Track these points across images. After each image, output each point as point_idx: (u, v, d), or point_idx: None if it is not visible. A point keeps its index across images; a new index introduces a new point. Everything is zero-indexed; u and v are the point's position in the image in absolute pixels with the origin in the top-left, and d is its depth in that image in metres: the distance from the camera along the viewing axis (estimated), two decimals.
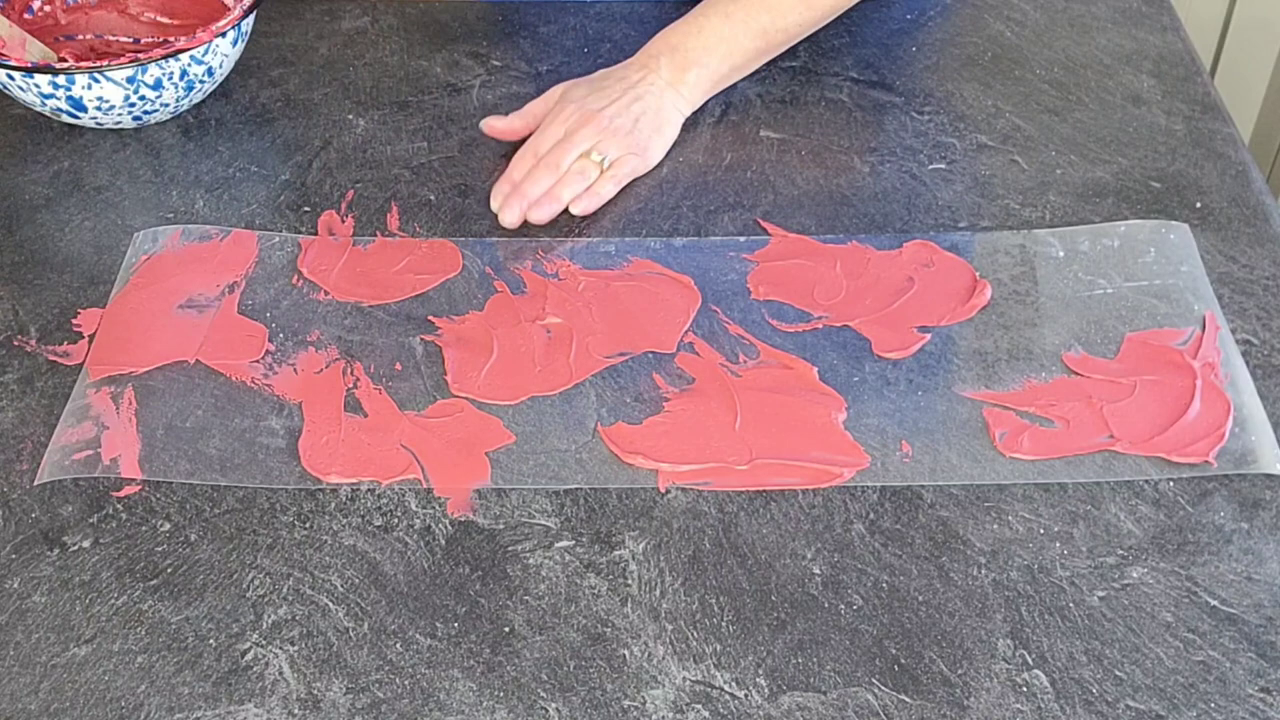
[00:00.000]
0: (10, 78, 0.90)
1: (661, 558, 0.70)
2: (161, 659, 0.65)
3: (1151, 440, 0.74)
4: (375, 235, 0.89)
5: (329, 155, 0.96)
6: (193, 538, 0.71)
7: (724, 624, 0.67)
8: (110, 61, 0.90)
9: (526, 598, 0.68)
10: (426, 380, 0.79)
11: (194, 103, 0.98)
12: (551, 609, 0.67)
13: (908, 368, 0.79)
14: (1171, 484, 0.72)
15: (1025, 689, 0.64)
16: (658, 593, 0.68)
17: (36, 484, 0.73)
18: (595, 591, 0.68)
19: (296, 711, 0.63)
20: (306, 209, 0.91)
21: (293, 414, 0.77)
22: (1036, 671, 0.64)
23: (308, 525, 0.71)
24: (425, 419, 0.77)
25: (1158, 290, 0.83)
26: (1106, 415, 0.75)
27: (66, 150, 0.96)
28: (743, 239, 0.88)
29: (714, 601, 0.68)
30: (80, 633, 0.67)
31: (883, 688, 0.64)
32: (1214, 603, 0.67)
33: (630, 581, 0.69)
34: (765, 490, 0.73)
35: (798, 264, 0.86)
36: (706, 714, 0.63)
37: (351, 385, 0.79)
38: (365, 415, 0.77)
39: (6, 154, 0.96)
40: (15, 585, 0.69)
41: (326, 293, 0.85)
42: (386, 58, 1.06)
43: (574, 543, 0.70)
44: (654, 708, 0.63)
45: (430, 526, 0.71)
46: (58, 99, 0.91)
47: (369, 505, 0.72)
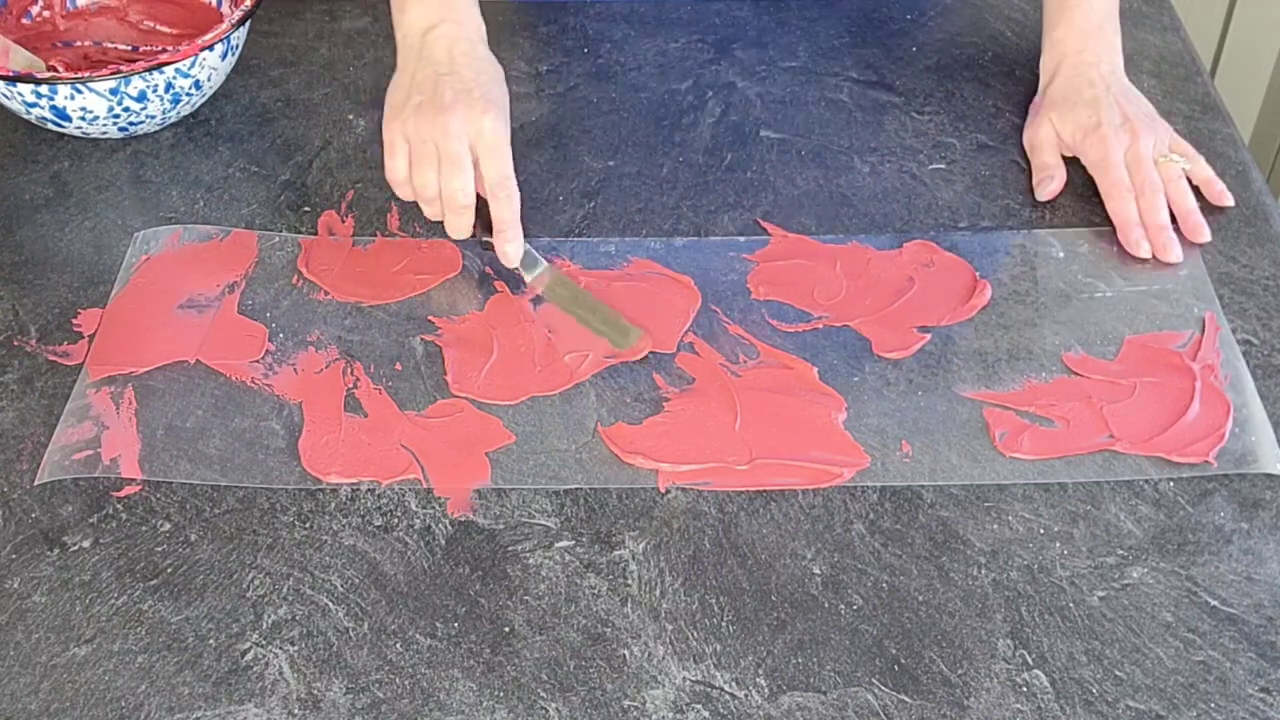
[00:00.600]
0: None
1: (661, 558, 0.70)
2: (161, 659, 0.65)
3: (1151, 440, 0.74)
4: (375, 235, 0.89)
5: (329, 155, 0.96)
6: (193, 538, 0.71)
7: (724, 624, 0.67)
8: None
9: (526, 598, 0.68)
10: (426, 380, 0.79)
11: (183, 115, 0.96)
12: (551, 609, 0.67)
13: (908, 368, 0.79)
14: (1171, 484, 0.72)
15: (1025, 689, 0.63)
16: (658, 593, 0.68)
17: (36, 484, 0.73)
18: (595, 591, 0.68)
19: (296, 711, 0.63)
20: (306, 209, 0.91)
21: (293, 414, 0.77)
22: (1036, 671, 0.64)
23: (308, 525, 0.71)
24: (425, 419, 0.77)
25: (1157, 293, 0.83)
26: (1106, 415, 0.75)
27: (66, 151, 0.96)
28: (743, 239, 0.88)
29: (714, 601, 0.68)
30: (80, 633, 0.67)
31: (883, 688, 0.64)
32: (1214, 603, 0.67)
33: (630, 581, 0.69)
34: (765, 490, 0.73)
35: (798, 264, 0.86)
36: (706, 714, 0.63)
37: (351, 385, 0.79)
38: (365, 415, 0.77)
39: (6, 154, 0.96)
40: (15, 585, 0.69)
41: (326, 293, 0.85)
42: (387, 58, 1.05)
43: (574, 543, 0.70)
44: (654, 708, 0.63)
45: (430, 526, 0.71)
46: (41, 108, 0.90)
47: (369, 505, 0.72)
